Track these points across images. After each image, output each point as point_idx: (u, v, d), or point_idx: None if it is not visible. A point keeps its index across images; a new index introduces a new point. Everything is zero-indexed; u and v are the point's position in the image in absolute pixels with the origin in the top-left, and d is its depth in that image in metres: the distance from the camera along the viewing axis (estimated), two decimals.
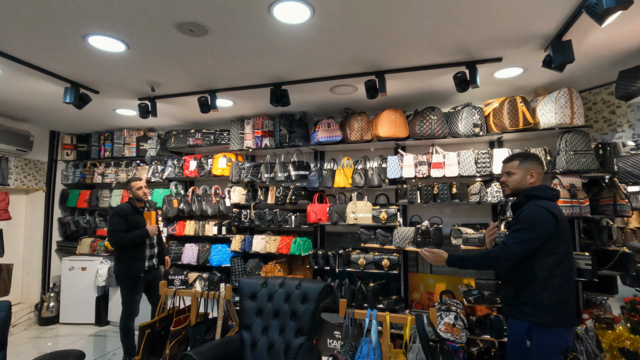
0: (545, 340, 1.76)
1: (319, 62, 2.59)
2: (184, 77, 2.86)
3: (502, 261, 1.81)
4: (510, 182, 2.02)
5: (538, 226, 1.78)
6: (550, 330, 1.76)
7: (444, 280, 3.67)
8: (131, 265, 3.26)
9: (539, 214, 1.80)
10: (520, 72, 2.77)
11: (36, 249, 4.73)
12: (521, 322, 1.82)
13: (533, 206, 1.84)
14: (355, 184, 3.60)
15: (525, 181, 1.98)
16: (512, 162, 2.04)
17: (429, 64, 2.61)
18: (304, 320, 2.49)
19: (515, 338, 1.85)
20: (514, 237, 1.81)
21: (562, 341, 1.78)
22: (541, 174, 2.01)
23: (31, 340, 4.10)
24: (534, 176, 1.97)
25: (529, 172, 1.97)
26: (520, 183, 1.99)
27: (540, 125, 2.95)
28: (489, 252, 1.87)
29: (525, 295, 1.82)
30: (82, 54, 2.43)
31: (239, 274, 3.93)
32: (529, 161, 2.00)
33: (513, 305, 1.87)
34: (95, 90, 3.14)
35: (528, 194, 1.93)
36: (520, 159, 2.02)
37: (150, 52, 2.41)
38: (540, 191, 1.91)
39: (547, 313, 1.77)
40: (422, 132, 3.27)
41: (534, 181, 1.97)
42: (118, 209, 3.30)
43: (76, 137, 4.98)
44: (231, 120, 4.06)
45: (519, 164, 2.00)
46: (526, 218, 1.82)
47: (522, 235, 1.79)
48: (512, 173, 2.02)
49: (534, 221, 1.79)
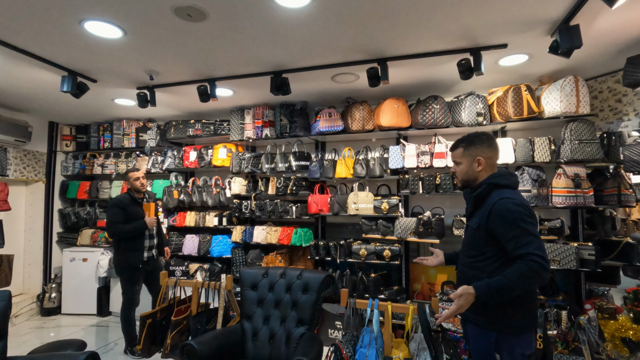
0: (514, 350, 1.60)
1: (320, 49, 2.53)
2: (182, 65, 2.81)
3: (545, 274, 1.47)
4: (458, 173, 1.80)
5: (528, 220, 1.55)
6: (518, 337, 1.60)
7: (446, 270, 3.66)
8: (130, 256, 3.25)
9: (516, 206, 1.56)
10: (526, 60, 2.71)
11: (37, 240, 4.72)
12: (487, 332, 1.62)
13: (504, 200, 1.59)
14: (356, 174, 3.57)
15: (472, 170, 1.73)
16: (457, 150, 1.80)
17: (432, 51, 2.55)
18: (305, 310, 2.49)
19: (483, 352, 1.65)
20: (528, 241, 1.50)
21: (529, 347, 1.63)
22: (491, 157, 1.73)
23: (33, 331, 4.12)
24: (482, 162, 1.71)
25: (474, 159, 1.72)
26: (467, 174, 1.75)
27: (545, 114, 2.91)
28: (526, 271, 1.46)
29: (494, 305, 1.59)
30: (78, 41, 2.38)
31: (240, 264, 3.92)
32: (474, 146, 1.73)
33: (481, 313, 1.63)
34: (93, 79, 3.09)
35: (489, 182, 1.68)
36: (464, 145, 1.76)
37: (147, 39, 2.36)
38: (502, 179, 1.68)
39: (518, 318, 1.59)
40: (425, 121, 3.23)
41: (482, 168, 1.72)
42: (116, 200, 3.28)
43: (75, 128, 4.94)
44: (231, 111, 4.01)
45: (462, 151, 1.76)
46: (509, 215, 1.55)
47: (532, 231, 1.52)
48: (457, 163, 1.80)
49: (519, 215, 1.54)
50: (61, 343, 2.72)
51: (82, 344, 2.69)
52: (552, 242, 2.92)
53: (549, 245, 2.89)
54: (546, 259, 1.47)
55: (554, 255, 2.88)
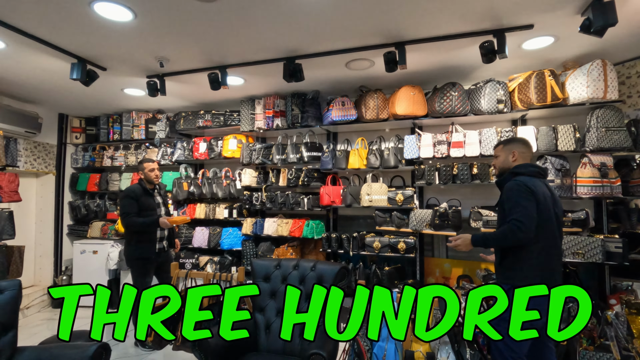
0: None
1: (335, 33, 2.43)
2: (193, 51, 2.73)
3: (522, 234, 1.84)
4: (497, 164, 2.21)
5: (522, 195, 1.89)
6: None
7: (461, 264, 3.56)
8: (142, 248, 3.21)
9: (517, 185, 1.93)
10: (551, 42, 2.58)
11: (48, 232, 4.72)
12: (504, 285, 1.87)
13: (512, 182, 1.97)
14: (370, 165, 3.47)
15: (507, 161, 2.12)
16: (498, 147, 2.21)
17: (454, 33, 2.44)
18: None
19: None
20: (518, 211, 1.87)
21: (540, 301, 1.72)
22: (525, 152, 2.10)
23: (45, 322, 4.12)
24: (516, 154, 2.09)
25: (510, 152, 2.11)
26: (504, 163, 2.14)
27: (570, 100, 2.78)
28: (506, 230, 1.89)
29: (508, 263, 1.96)
30: (87, 24, 2.31)
31: (251, 257, 3.86)
32: (512, 143, 2.15)
33: (499, 272, 2.03)
34: (103, 67, 3.04)
35: (511, 172, 2.06)
36: (504, 142, 2.19)
37: (158, 21, 2.28)
38: (521, 168, 2.03)
39: (526, 277, 1.88)
40: (442, 109, 3.12)
41: (515, 159, 2.09)
42: (129, 191, 3.23)
43: (85, 120, 4.91)
44: (241, 101, 3.93)
45: (502, 147, 2.17)
46: (510, 193, 1.94)
47: (522, 207, 1.86)
48: (497, 156, 2.20)
49: (517, 192, 1.91)
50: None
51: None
52: (576, 234, 2.80)
53: (573, 237, 2.78)
54: (525, 223, 1.83)
55: (577, 248, 2.77)
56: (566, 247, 2.79)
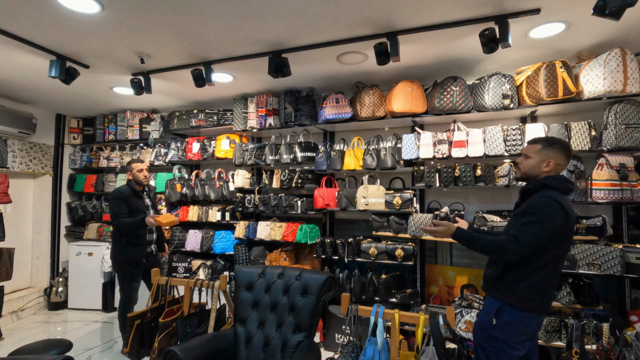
0: (514, 321, 1.75)
1: (321, 22, 2.24)
2: (172, 45, 2.58)
3: (510, 255, 1.70)
4: (523, 166, 1.90)
5: (548, 219, 1.67)
6: (520, 313, 1.74)
7: (466, 272, 3.30)
8: (131, 251, 3.10)
9: (551, 207, 1.68)
10: (562, 29, 2.32)
11: (44, 234, 4.69)
12: (495, 300, 1.81)
13: (546, 197, 1.71)
14: (366, 165, 3.26)
15: (538, 168, 1.84)
16: (534, 145, 1.88)
17: (450, 21, 2.21)
18: (303, 315, 2.22)
19: (485, 314, 1.85)
20: (526, 232, 1.68)
21: (531, 326, 1.78)
22: (561, 165, 1.83)
23: (39, 325, 4.06)
24: (550, 165, 1.81)
25: (546, 160, 1.82)
26: (533, 169, 1.86)
27: (585, 95, 2.50)
28: (499, 243, 1.73)
29: (508, 279, 1.79)
30: (55, 17, 2.17)
31: (243, 262, 3.70)
32: (552, 149, 1.82)
33: (493, 286, 1.85)
34: (85, 65, 2.93)
35: (542, 182, 1.80)
36: (544, 143, 1.85)
37: (128, 12, 2.13)
38: (555, 182, 1.77)
39: (523, 299, 1.74)
40: (442, 105, 2.88)
41: (548, 170, 1.82)
42: (117, 192, 3.12)
43: (82, 120, 4.87)
44: (234, 99, 3.78)
45: (540, 148, 1.85)
46: (538, 210, 1.69)
47: (535, 229, 1.67)
48: (528, 156, 1.88)
49: (546, 214, 1.68)
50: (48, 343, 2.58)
51: (69, 345, 2.55)
52: (591, 243, 2.52)
53: (588, 246, 2.50)
54: (522, 248, 1.66)
55: (593, 258, 2.49)
56: (580, 257, 2.52)
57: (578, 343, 2.43)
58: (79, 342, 3.51)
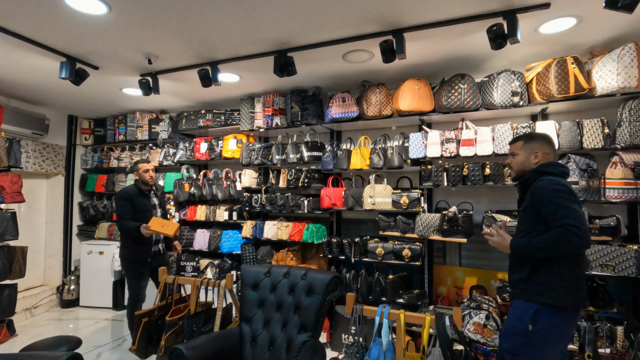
0: (552, 325, 1.66)
1: (327, 20, 2.23)
2: (179, 45, 2.60)
3: (577, 240, 1.57)
4: (514, 164, 1.95)
5: (563, 196, 1.64)
6: (560, 312, 1.66)
7: (475, 273, 3.25)
8: (137, 250, 3.13)
9: (552, 184, 1.68)
10: (573, 24, 2.26)
11: (57, 233, 4.78)
12: (529, 303, 1.71)
13: (544, 180, 1.73)
14: (373, 165, 3.24)
15: (529, 161, 1.88)
16: (516, 143, 1.95)
17: (457, 17, 2.17)
18: (308, 315, 2.21)
19: (517, 319, 1.74)
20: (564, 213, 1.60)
21: (569, 326, 1.71)
22: (549, 153, 1.87)
23: (52, 322, 4.14)
24: (539, 156, 1.86)
25: (533, 152, 1.87)
26: (524, 164, 1.90)
27: (597, 91, 2.43)
28: (556, 236, 1.62)
29: (538, 277, 1.71)
30: (64, 19, 2.21)
31: (250, 261, 3.71)
32: (534, 141, 1.89)
33: (524, 288, 1.75)
34: (94, 66, 2.97)
35: (536, 171, 1.82)
36: (525, 139, 1.92)
37: (135, 13, 2.15)
38: (549, 167, 1.80)
39: (560, 295, 1.66)
40: (450, 103, 2.84)
41: (538, 161, 1.86)
42: (123, 192, 3.16)
43: (93, 121, 4.95)
44: (241, 99, 3.80)
45: (522, 144, 1.91)
46: (545, 192, 1.68)
47: (566, 205, 1.61)
48: (515, 154, 1.94)
49: (555, 191, 1.66)
50: (58, 339, 2.63)
51: (78, 342, 2.59)
52: (605, 243, 2.45)
53: (602, 247, 2.43)
54: (582, 229, 1.56)
55: (607, 259, 2.42)
56: (593, 258, 2.45)
57: (591, 346, 2.37)
58: (89, 340, 3.57)
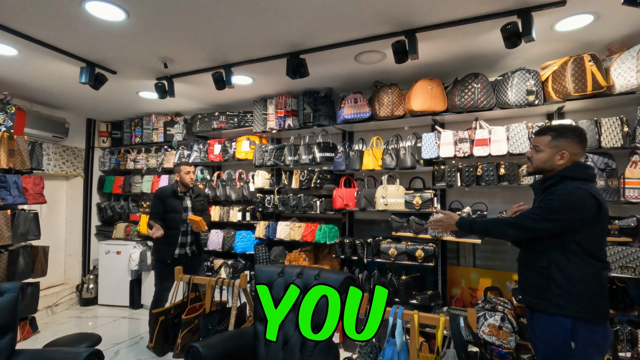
0: (593, 338, 1.51)
1: (339, 22, 2.24)
2: (195, 49, 2.66)
3: (511, 230, 1.62)
4: (535, 160, 1.72)
5: (571, 209, 1.52)
6: (596, 325, 1.52)
7: (490, 275, 3.21)
8: (160, 250, 3.21)
9: (578, 195, 1.53)
10: (590, 22, 2.22)
11: (77, 233, 4.92)
12: (560, 318, 1.54)
13: (572, 186, 1.56)
14: (385, 165, 3.23)
15: (552, 162, 1.67)
16: (543, 137, 1.70)
17: (470, 16, 2.16)
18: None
19: (555, 337, 1.55)
20: (537, 212, 1.58)
21: (606, 338, 1.55)
22: (577, 154, 1.65)
23: (72, 320, 4.27)
24: (565, 157, 1.64)
25: (559, 151, 1.64)
26: (546, 163, 1.69)
27: (616, 89, 2.38)
28: (502, 218, 1.69)
29: (559, 286, 1.55)
30: (84, 26, 2.29)
31: (263, 261, 3.75)
32: (564, 139, 1.65)
33: (543, 298, 1.59)
34: (113, 71, 3.06)
35: (562, 175, 1.63)
36: (554, 134, 1.67)
37: (152, 19, 2.21)
38: (575, 172, 1.61)
39: (588, 306, 1.52)
40: (463, 103, 2.81)
41: (564, 163, 1.64)
42: (158, 191, 3.27)
43: (111, 124, 5.08)
44: (254, 101, 3.84)
45: (550, 140, 1.67)
46: (559, 197, 1.55)
47: (547, 214, 1.55)
48: (539, 150, 1.71)
49: (569, 202, 1.53)
50: (80, 336, 2.72)
51: (99, 339, 2.66)
52: (625, 244, 2.40)
53: (621, 248, 2.38)
54: (526, 227, 1.58)
55: (627, 260, 2.37)
56: (613, 259, 2.40)
57: (611, 350, 2.31)
58: (107, 337, 3.66)
